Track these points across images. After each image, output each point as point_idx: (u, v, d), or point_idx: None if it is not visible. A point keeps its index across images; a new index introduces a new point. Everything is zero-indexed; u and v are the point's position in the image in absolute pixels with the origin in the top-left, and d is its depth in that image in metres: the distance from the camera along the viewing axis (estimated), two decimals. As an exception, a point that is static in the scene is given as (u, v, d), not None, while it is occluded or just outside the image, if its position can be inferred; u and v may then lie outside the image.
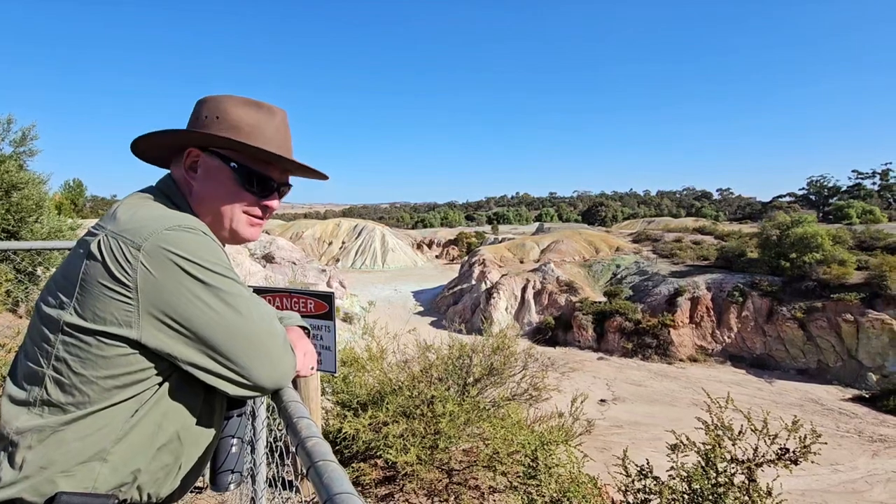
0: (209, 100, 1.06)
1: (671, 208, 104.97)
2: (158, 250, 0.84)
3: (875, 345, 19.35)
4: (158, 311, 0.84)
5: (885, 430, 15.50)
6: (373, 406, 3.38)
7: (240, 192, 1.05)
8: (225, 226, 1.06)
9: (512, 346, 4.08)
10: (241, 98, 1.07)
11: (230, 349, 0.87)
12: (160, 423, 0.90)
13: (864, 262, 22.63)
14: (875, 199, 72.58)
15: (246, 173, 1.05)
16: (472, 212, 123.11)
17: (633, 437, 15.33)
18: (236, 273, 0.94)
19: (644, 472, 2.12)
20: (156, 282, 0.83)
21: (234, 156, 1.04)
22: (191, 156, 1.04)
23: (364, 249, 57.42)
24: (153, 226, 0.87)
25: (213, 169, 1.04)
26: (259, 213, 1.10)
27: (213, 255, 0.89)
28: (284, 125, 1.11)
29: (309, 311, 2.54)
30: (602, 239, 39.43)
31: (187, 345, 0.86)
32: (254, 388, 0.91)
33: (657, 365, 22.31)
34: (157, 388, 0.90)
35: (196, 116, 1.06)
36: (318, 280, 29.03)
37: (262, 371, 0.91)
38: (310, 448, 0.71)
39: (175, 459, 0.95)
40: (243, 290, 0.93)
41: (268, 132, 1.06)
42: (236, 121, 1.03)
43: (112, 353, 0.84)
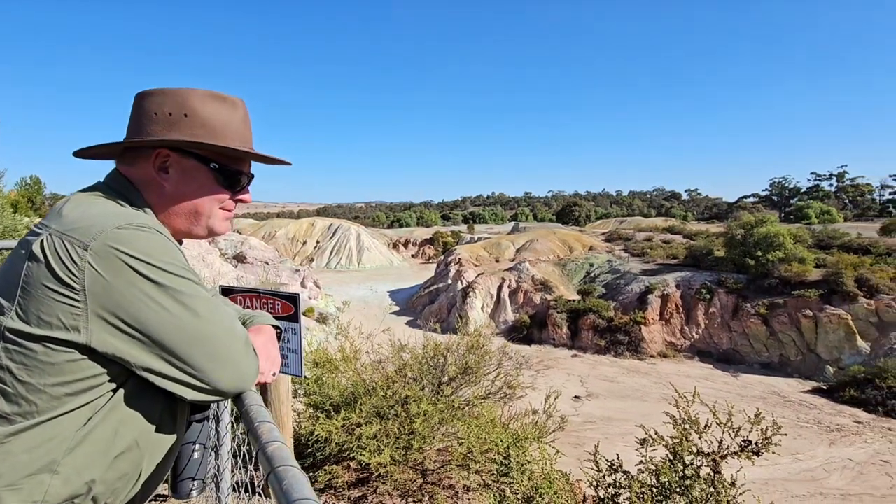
0: (170, 94, 1.00)
1: (642, 208, 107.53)
2: (108, 250, 0.80)
3: (832, 339, 20.28)
4: (109, 313, 0.79)
5: (841, 420, 16.26)
6: (346, 407, 3.33)
7: (219, 191, 1.05)
8: (202, 224, 1.05)
9: (486, 345, 4.09)
10: (203, 92, 1.03)
11: (187, 353, 0.84)
12: (117, 431, 0.86)
13: (822, 261, 23.70)
14: (832, 200, 76.19)
15: (225, 173, 1.04)
16: (449, 211, 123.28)
17: (606, 433, 15.63)
18: (195, 273, 0.91)
19: (614, 466, 2.15)
20: (105, 284, 0.79)
21: (212, 156, 1.02)
22: (160, 156, 1.00)
23: (339, 249, 56.77)
24: (102, 224, 0.82)
25: (191, 169, 1.01)
26: (233, 207, 1.10)
27: (167, 254, 0.85)
28: (247, 116, 1.10)
29: (276, 311, 2.48)
30: (576, 238, 40.08)
31: (141, 349, 0.82)
32: (213, 392, 0.88)
33: (629, 361, 22.81)
34: (112, 394, 0.85)
35: (154, 112, 0.99)
36: (291, 280, 28.55)
37: (221, 375, 0.87)
38: (270, 453, 0.68)
39: (134, 468, 0.90)
40: (201, 291, 0.89)
41: (236, 127, 1.05)
42: (207, 119, 1.00)
43: (60, 360, 0.79)
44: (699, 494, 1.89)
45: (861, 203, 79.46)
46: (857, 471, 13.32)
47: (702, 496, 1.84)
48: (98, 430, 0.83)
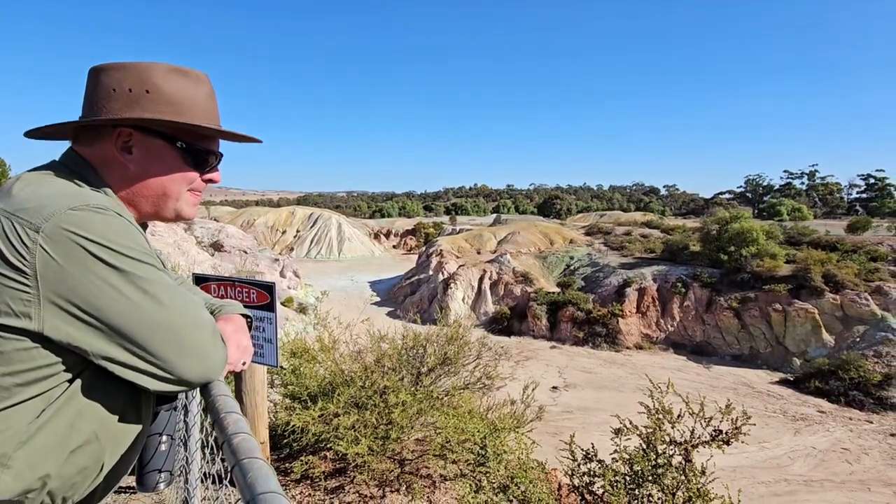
0: (129, 68, 0.93)
1: (622, 203, 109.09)
2: (61, 233, 0.75)
3: (800, 332, 21.02)
4: (63, 300, 0.75)
5: (806, 410, 16.92)
6: (323, 398, 3.30)
7: (187, 173, 1.00)
8: (169, 206, 0.99)
9: (466, 336, 4.10)
10: (165, 66, 0.96)
11: (149, 341, 0.80)
12: (73, 424, 0.81)
13: (792, 256, 24.46)
14: (803, 198, 78.55)
15: (192, 151, 0.99)
16: (431, 202, 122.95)
17: (583, 422, 15.94)
18: (158, 259, 0.86)
19: (589, 455, 2.18)
20: (59, 268, 0.74)
21: (178, 134, 0.97)
22: (122, 135, 0.94)
23: (319, 238, 56.13)
24: (56, 205, 0.77)
25: (156, 149, 0.96)
26: (202, 188, 1.05)
27: (128, 238, 0.80)
28: (212, 92, 1.04)
29: (251, 301, 2.43)
30: (557, 231, 40.44)
31: (99, 337, 0.77)
32: (178, 382, 0.84)
33: (606, 352, 23.24)
34: (68, 385, 0.81)
35: (113, 88, 0.92)
36: (270, 269, 28.15)
37: (187, 364, 0.83)
38: (235, 445, 0.66)
39: (95, 461, 0.86)
40: (164, 278, 0.84)
41: (202, 103, 0.99)
42: (171, 95, 0.94)
43: (10, 348, 0.75)
44: (670, 482, 1.93)
45: (830, 201, 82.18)
46: (819, 458, 13.90)
47: (673, 484, 1.89)
48: (52, 423, 0.79)
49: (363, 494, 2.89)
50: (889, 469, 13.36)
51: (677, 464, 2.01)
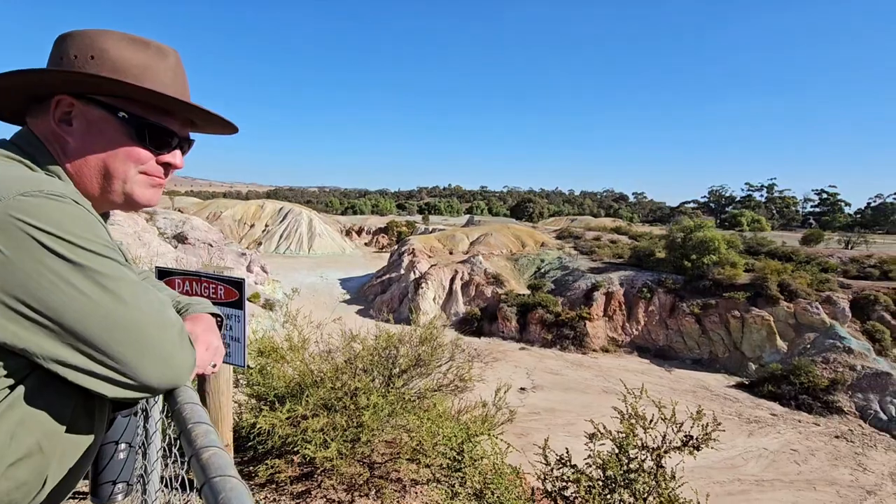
0: (77, 35, 0.84)
1: (592, 208, 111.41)
2: (9, 221, 0.66)
3: (756, 338, 21.95)
4: (8, 295, 0.66)
5: (759, 413, 17.68)
6: (292, 399, 3.19)
7: (132, 149, 0.87)
8: (116, 189, 0.87)
9: (439, 338, 4.06)
10: (120, 34, 0.85)
11: (108, 342, 0.71)
12: (14, 434, 0.72)
13: (750, 265, 25.52)
14: (762, 210, 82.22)
15: (138, 125, 0.86)
16: (404, 201, 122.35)
17: (549, 423, 16.16)
18: (120, 253, 0.78)
19: (563, 460, 2.18)
20: (6, 260, 0.65)
21: (121, 104, 0.85)
22: (61, 105, 0.83)
23: (289, 234, 54.98)
24: (4, 190, 0.68)
25: (96, 121, 0.84)
26: (159, 171, 0.92)
27: (85, 228, 0.72)
28: (180, 68, 0.92)
29: (218, 297, 2.32)
30: (529, 234, 40.92)
31: (49, 337, 0.69)
32: (140, 388, 0.76)
33: (573, 355, 23.65)
34: (9, 391, 0.71)
35: (60, 56, 0.83)
36: (237, 264, 27.34)
37: (150, 368, 0.75)
38: (205, 461, 0.59)
39: (37, 476, 0.76)
40: (126, 273, 0.76)
41: (162, 76, 0.88)
42: (119, 61, 0.83)
43: None
44: (641, 487, 1.95)
45: (786, 214, 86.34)
46: (770, 459, 14.54)
47: (644, 489, 1.91)
48: None
49: (331, 499, 2.81)
50: (833, 469, 14.10)
51: (649, 468, 2.03)
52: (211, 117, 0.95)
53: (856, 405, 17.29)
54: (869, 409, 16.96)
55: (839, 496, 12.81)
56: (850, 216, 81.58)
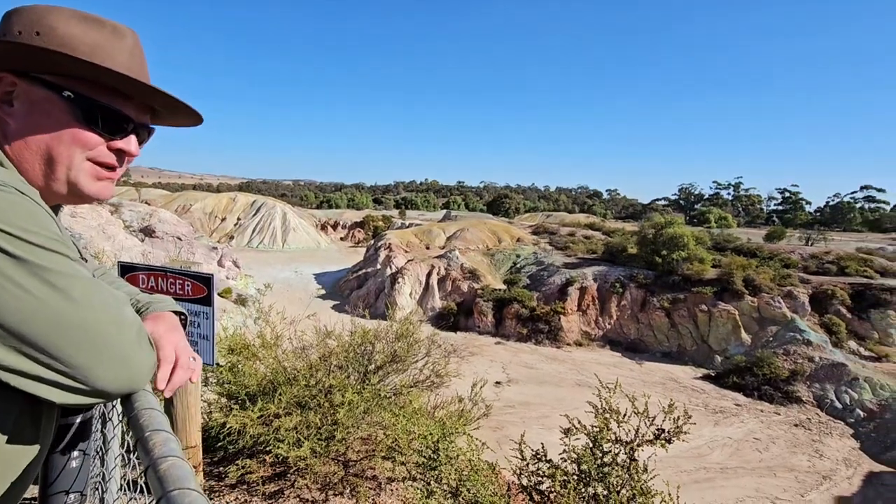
0: (24, 10, 0.77)
1: (567, 204, 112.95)
2: None
3: (721, 332, 22.73)
4: None
5: (724, 403, 18.34)
6: (264, 397, 3.11)
7: (79, 132, 0.79)
8: (59, 177, 0.80)
9: (416, 333, 4.03)
10: (75, 10, 0.79)
11: (57, 345, 0.65)
12: None
13: (717, 261, 26.36)
14: (729, 207, 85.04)
15: (87, 106, 0.79)
16: (381, 195, 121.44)
17: (524, 416, 16.37)
18: (70, 247, 0.72)
19: (539, 455, 2.19)
20: None
21: (69, 84, 0.78)
22: (2, 84, 0.76)
23: (262, 228, 53.84)
24: None
25: (40, 101, 0.77)
26: (110, 159, 0.84)
27: (30, 220, 0.66)
28: (138, 49, 0.85)
29: (186, 294, 2.23)
30: (505, 229, 41.20)
31: None
32: (93, 393, 0.70)
33: (548, 349, 24.00)
34: None
35: (3, 33, 0.76)
36: (207, 259, 26.62)
37: (104, 372, 0.69)
38: (163, 472, 0.55)
39: None
40: (77, 269, 0.70)
41: (117, 56, 0.80)
42: (68, 38, 0.76)
43: None
44: (615, 480, 1.97)
45: (751, 211, 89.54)
46: (734, 447, 15.12)
47: (618, 482, 1.94)
48: None
49: (304, 499, 2.76)
50: (792, 456, 14.77)
51: (622, 462, 2.06)
52: (172, 104, 0.87)
53: (813, 395, 18.12)
54: (825, 398, 17.80)
55: (797, 482, 13.43)
56: (811, 214, 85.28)
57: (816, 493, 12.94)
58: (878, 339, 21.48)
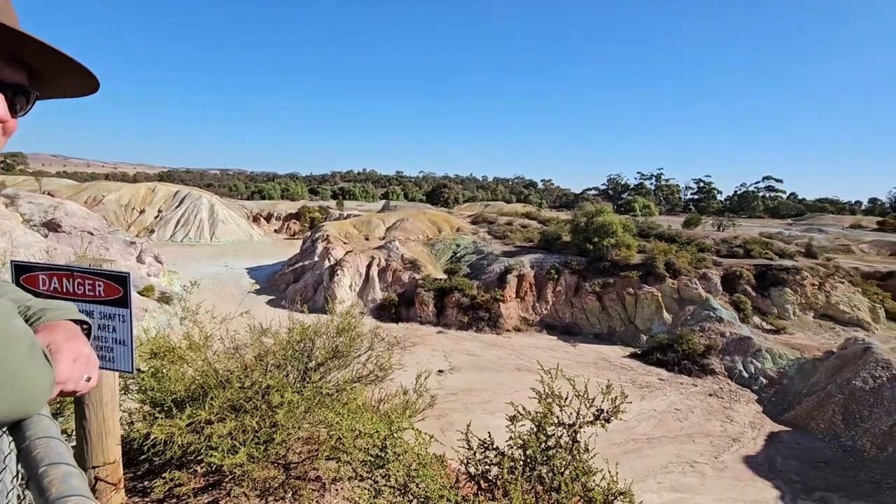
0: None
1: (505, 194, 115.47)
2: None
3: (646, 312, 24.41)
4: None
5: (649, 379, 19.78)
6: (193, 403, 2.89)
7: None
8: None
9: (358, 327, 3.92)
10: None
11: None
12: None
13: (642, 247, 28.20)
14: (651, 196, 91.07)
15: None
16: (317, 185, 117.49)
17: (467, 402, 16.69)
18: None
19: (486, 444, 2.21)
20: None
21: None
22: None
23: (188, 220, 50.31)
24: None
25: None
26: None
27: None
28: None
29: (97, 295, 1.99)
30: (444, 219, 41.44)
31: None
32: None
33: (488, 336, 24.57)
34: None
35: None
36: (125, 254, 24.48)
37: None
38: (63, 516, 0.45)
39: None
40: None
41: None
42: None
43: None
44: (559, 463, 2.04)
45: (671, 200, 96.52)
46: (658, 419, 16.36)
47: (562, 464, 2.00)
48: None
49: (242, 507, 2.61)
50: (707, 423, 16.24)
51: (565, 444, 2.13)
52: (54, 58, 0.68)
53: (725, 366, 20.00)
54: (735, 369, 19.70)
55: (712, 445, 14.80)
56: (721, 202, 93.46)
57: (728, 455, 14.33)
58: (777, 314, 24.07)
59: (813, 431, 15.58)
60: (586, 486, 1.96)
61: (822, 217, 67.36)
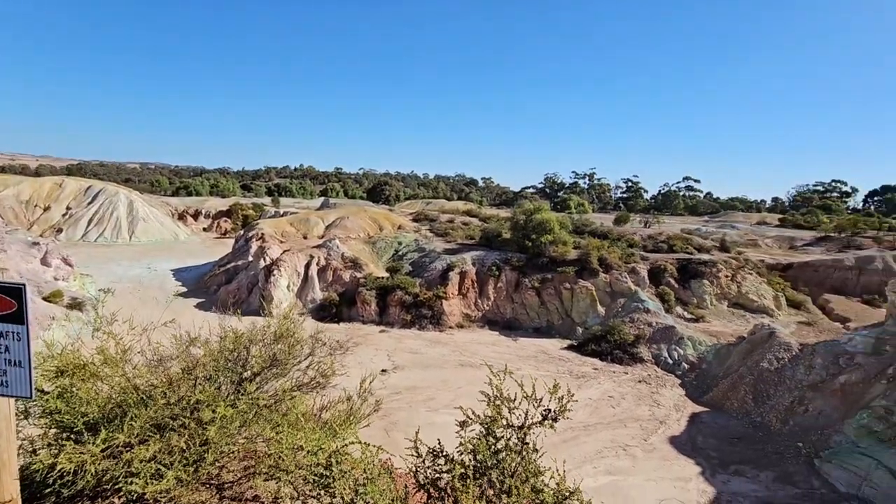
0: None
1: (446, 192, 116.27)
2: None
3: (582, 306, 25.56)
4: None
5: (585, 369, 20.74)
6: (109, 425, 2.59)
7: None
8: None
9: (298, 332, 3.72)
10: None
11: None
12: None
13: (577, 243, 29.48)
14: (585, 195, 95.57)
15: None
16: (250, 181, 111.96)
17: (411, 401, 16.61)
18: None
19: (435, 452, 2.16)
20: None
21: None
22: None
23: (102, 218, 46.11)
24: None
25: None
26: None
27: None
28: None
29: (-18, 314, 1.71)
30: (386, 217, 40.98)
31: None
32: None
33: (431, 333, 24.62)
34: None
35: None
36: (25, 257, 21.94)
37: None
38: None
39: None
40: None
41: None
42: None
43: None
44: (509, 465, 2.03)
45: (603, 198, 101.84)
46: (593, 406, 17.18)
47: (512, 466, 2.00)
48: None
49: (169, 537, 2.37)
50: (637, 408, 17.28)
51: (514, 446, 2.13)
52: None
53: (652, 354, 21.39)
54: (661, 356, 21.13)
55: (642, 429, 15.77)
56: (648, 201, 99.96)
57: (656, 437, 15.34)
58: (697, 304, 26.10)
59: (728, 410, 17.05)
60: (535, 487, 1.97)
61: (733, 214, 74.09)
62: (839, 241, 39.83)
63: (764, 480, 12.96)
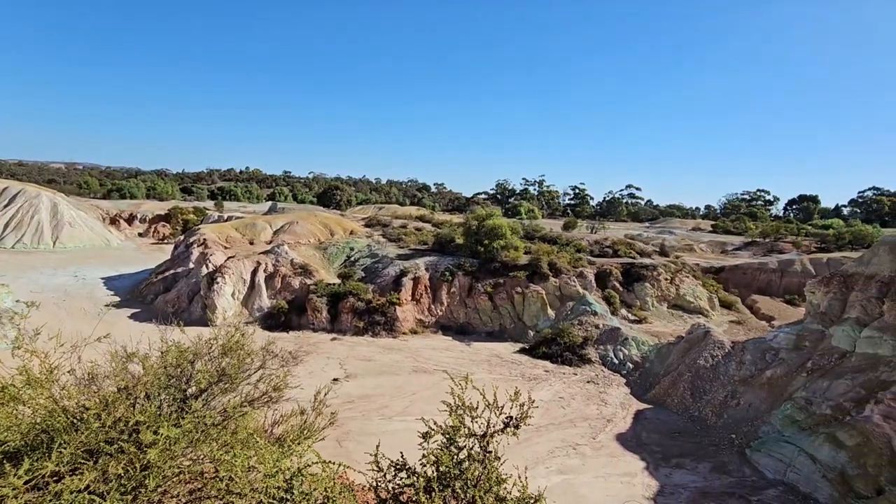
0: None
1: (399, 197, 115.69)
2: None
3: (533, 309, 26.17)
4: None
5: (537, 371, 21.23)
6: (33, 453, 2.34)
7: None
8: None
9: (248, 345, 3.54)
10: None
11: None
12: None
13: (528, 248, 30.21)
14: (535, 201, 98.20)
15: None
16: (191, 184, 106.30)
17: (364, 410, 16.30)
18: None
19: (398, 465, 2.11)
20: None
21: None
22: None
23: (21, 222, 42.21)
24: None
25: None
26: None
27: None
28: None
29: None
30: (337, 222, 40.17)
31: None
32: None
33: (385, 340, 24.32)
34: None
35: None
36: (-73, 265, 19.66)
37: None
38: None
39: None
40: None
41: None
42: None
43: None
44: (472, 475, 2.02)
45: (552, 205, 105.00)
46: (545, 408, 17.58)
47: (474, 476, 1.99)
48: None
49: (105, 574, 2.16)
50: (586, 407, 17.87)
51: (477, 454, 2.13)
52: None
53: (599, 355, 22.23)
54: (607, 356, 21.99)
55: (591, 427, 16.31)
56: (594, 207, 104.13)
57: (603, 435, 15.92)
58: (640, 306, 27.42)
59: (669, 406, 17.98)
60: (499, 496, 1.98)
61: (671, 221, 78.65)
62: (764, 246, 43.29)
63: (702, 471, 13.74)
